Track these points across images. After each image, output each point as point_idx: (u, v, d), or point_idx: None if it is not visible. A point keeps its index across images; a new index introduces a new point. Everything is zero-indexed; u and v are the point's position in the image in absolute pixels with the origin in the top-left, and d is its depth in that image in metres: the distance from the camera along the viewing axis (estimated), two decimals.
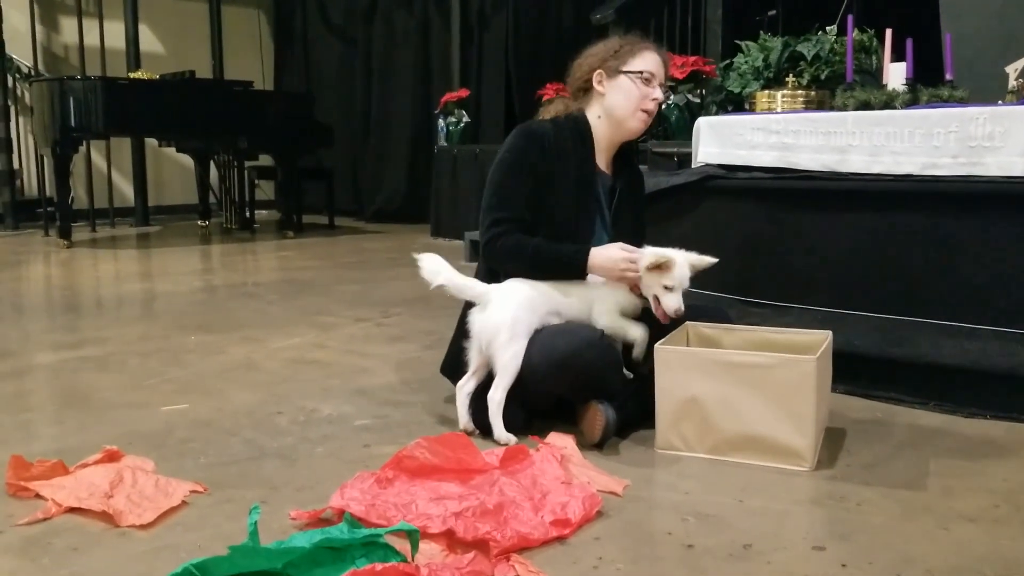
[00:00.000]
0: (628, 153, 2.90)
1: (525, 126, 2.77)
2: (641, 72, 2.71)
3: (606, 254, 2.59)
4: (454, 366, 2.72)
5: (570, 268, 2.60)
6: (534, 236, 2.63)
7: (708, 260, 2.58)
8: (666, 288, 2.51)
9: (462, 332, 2.67)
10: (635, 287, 2.59)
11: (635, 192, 2.90)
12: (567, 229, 2.66)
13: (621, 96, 2.72)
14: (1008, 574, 1.76)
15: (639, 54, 2.73)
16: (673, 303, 2.51)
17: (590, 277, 2.61)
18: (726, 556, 1.84)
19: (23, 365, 3.55)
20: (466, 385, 2.63)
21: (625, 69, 2.72)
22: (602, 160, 2.80)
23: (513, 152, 2.69)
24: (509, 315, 2.51)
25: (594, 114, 2.77)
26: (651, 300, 2.55)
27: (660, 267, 2.50)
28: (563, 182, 2.67)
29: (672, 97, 4.83)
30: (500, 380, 2.49)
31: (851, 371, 2.94)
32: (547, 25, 8.39)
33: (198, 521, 2.02)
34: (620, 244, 2.60)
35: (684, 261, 2.53)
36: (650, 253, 2.52)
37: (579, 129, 2.74)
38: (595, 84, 2.75)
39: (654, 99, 2.74)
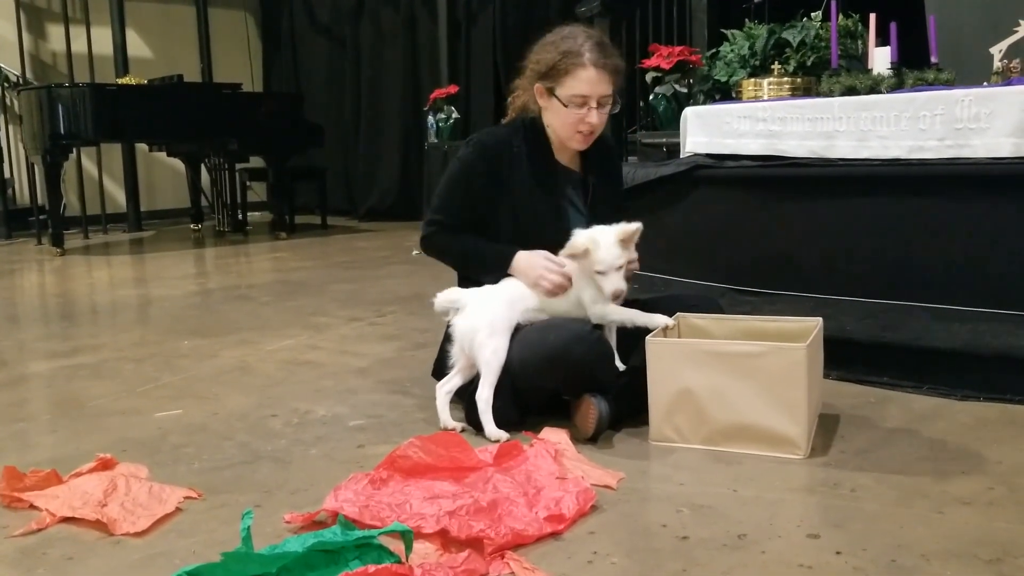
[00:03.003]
0: (597, 145, 2.81)
1: (478, 138, 2.79)
2: (572, 98, 2.61)
3: (528, 260, 2.61)
4: (442, 369, 2.74)
5: (493, 271, 2.66)
6: (480, 237, 2.72)
7: (633, 226, 2.51)
8: (598, 273, 2.50)
9: (448, 336, 2.69)
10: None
11: (610, 180, 2.89)
12: (533, 231, 2.67)
13: (557, 119, 2.67)
14: (1003, 556, 1.77)
15: (572, 74, 2.58)
16: (608, 286, 2.49)
17: (570, 267, 2.59)
18: (720, 546, 1.85)
19: (17, 374, 3.54)
20: (446, 385, 2.66)
21: (558, 92, 2.62)
22: (565, 156, 2.78)
23: (461, 163, 2.76)
24: (487, 313, 2.55)
25: (545, 121, 2.74)
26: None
27: (577, 255, 2.49)
28: (522, 186, 2.69)
29: (658, 89, 4.81)
30: (485, 378, 2.50)
31: (843, 357, 2.94)
32: (534, 18, 8.35)
33: (192, 527, 2.02)
34: (546, 253, 2.60)
35: (610, 241, 2.48)
36: (568, 245, 2.50)
37: (535, 132, 2.73)
38: (537, 97, 2.69)
39: (589, 122, 2.63)
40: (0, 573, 1.83)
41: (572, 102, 2.60)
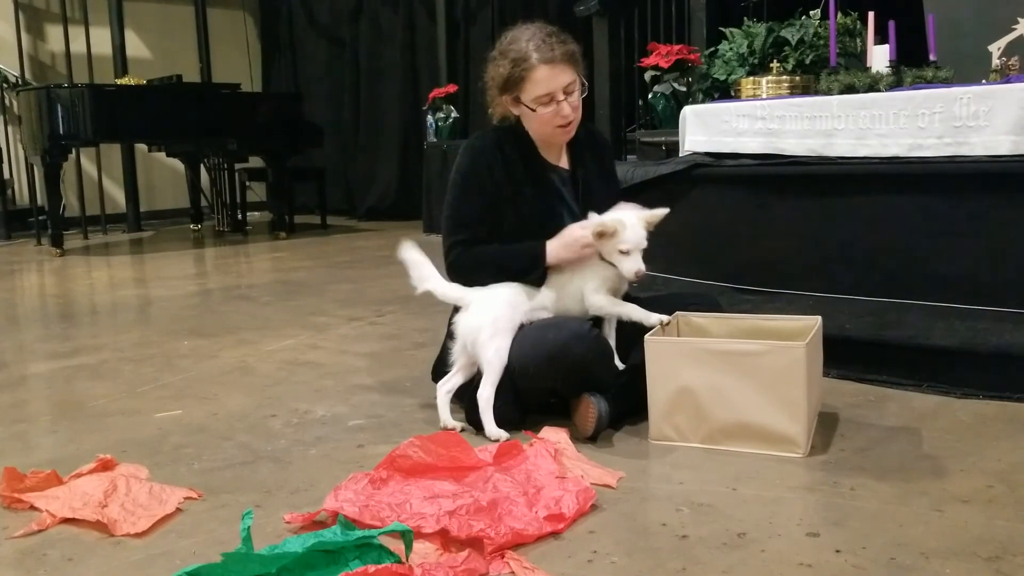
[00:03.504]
0: (582, 138, 2.82)
1: (470, 144, 2.77)
2: (538, 99, 2.61)
3: (562, 239, 2.60)
4: (442, 368, 2.74)
5: (531, 267, 2.62)
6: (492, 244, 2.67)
7: (660, 212, 2.56)
8: (621, 252, 2.51)
9: (451, 334, 2.69)
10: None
11: (603, 175, 2.87)
12: (528, 231, 2.66)
13: (533, 122, 2.67)
14: (1003, 554, 1.77)
15: (528, 79, 2.59)
16: (630, 266, 2.51)
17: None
18: (720, 545, 1.85)
19: (17, 375, 3.54)
20: (447, 384, 2.66)
21: (523, 99, 2.63)
22: (552, 154, 2.78)
23: (461, 173, 2.72)
24: (490, 314, 2.54)
25: (525, 126, 2.73)
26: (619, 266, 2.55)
27: (606, 234, 2.50)
28: (515, 187, 2.68)
29: (657, 88, 4.82)
30: (487, 378, 2.51)
31: (843, 355, 2.94)
32: (532, 17, 8.35)
33: (192, 527, 2.02)
34: (576, 224, 2.61)
35: (635, 222, 2.52)
36: (595, 222, 2.52)
37: (521, 134, 2.73)
38: (510, 108, 2.70)
39: (563, 115, 2.63)
40: (0, 574, 1.83)
41: (540, 103, 2.61)
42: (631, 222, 2.52)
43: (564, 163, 2.80)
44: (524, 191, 2.69)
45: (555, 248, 2.61)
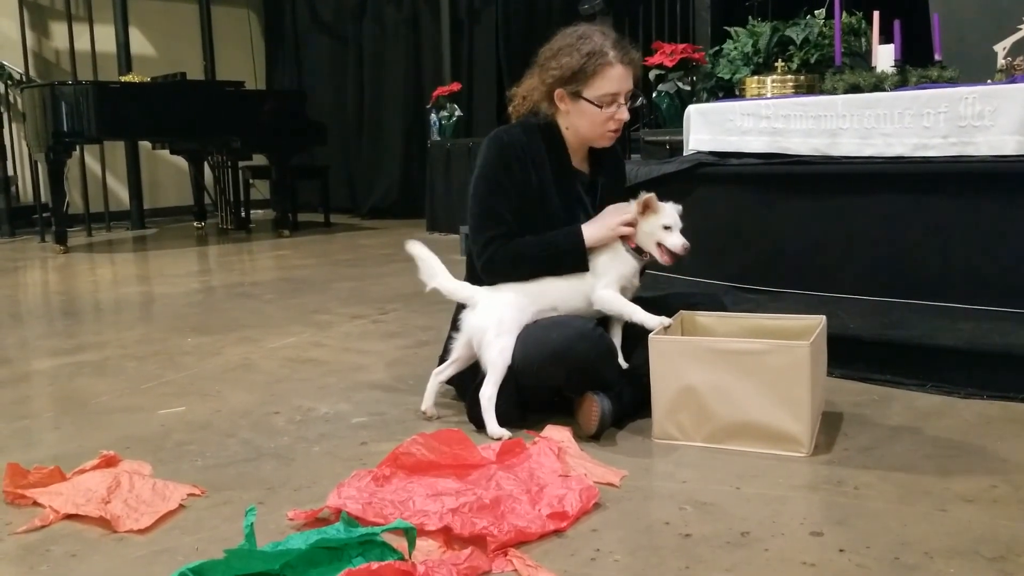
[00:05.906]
0: (606, 148, 2.82)
1: (496, 137, 2.72)
2: (602, 97, 2.60)
3: (600, 218, 2.64)
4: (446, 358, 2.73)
5: (569, 253, 2.61)
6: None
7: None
8: (665, 228, 2.58)
9: (454, 328, 2.69)
10: (632, 243, 2.63)
11: (618, 183, 2.90)
12: (545, 231, 2.64)
13: (585, 120, 2.64)
14: (1006, 554, 1.76)
15: (600, 74, 2.58)
16: (678, 240, 2.58)
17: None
18: (724, 544, 1.84)
19: (20, 372, 3.55)
20: (441, 373, 2.69)
21: (586, 94, 2.60)
22: (577, 158, 2.77)
23: (490, 166, 2.67)
24: (496, 314, 2.55)
25: (563, 125, 2.71)
26: (655, 249, 2.60)
27: (649, 207, 2.59)
28: (541, 187, 2.67)
29: (661, 86, 4.82)
30: (490, 377, 2.51)
31: (847, 355, 2.94)
32: (537, 15, 8.37)
33: (196, 524, 2.02)
34: (613, 205, 2.66)
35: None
36: (643, 198, 2.60)
37: (551, 134, 2.71)
38: (557, 102, 2.66)
39: (619, 119, 2.64)
40: (4, 570, 1.84)
41: (603, 101, 2.60)
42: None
43: (586, 168, 2.80)
44: (548, 191, 2.67)
45: (592, 229, 2.62)
